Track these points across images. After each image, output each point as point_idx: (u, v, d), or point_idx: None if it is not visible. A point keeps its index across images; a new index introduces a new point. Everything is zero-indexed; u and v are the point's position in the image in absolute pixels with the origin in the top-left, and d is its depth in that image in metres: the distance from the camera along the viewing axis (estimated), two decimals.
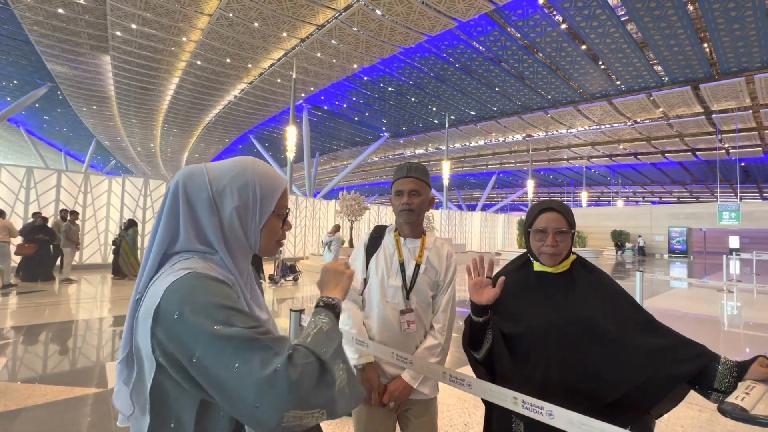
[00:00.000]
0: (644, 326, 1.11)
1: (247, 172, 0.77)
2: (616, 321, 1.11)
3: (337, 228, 9.15)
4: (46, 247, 8.40)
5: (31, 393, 3.03)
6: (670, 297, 9.22)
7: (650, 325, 1.12)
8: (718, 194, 29.25)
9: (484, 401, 1.17)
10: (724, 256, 10.16)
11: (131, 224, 9.74)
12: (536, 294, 1.20)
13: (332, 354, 0.67)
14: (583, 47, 16.61)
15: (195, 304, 0.62)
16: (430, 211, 20.67)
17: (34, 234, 8.24)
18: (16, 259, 8.44)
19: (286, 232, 0.86)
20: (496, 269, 1.31)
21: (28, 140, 27.81)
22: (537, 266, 1.23)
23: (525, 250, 1.30)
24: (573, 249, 1.24)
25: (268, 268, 10.33)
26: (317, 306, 0.81)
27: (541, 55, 17.58)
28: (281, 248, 10.24)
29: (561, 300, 1.16)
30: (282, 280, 9.51)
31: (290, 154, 16.81)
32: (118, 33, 15.26)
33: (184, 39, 15.97)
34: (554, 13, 14.59)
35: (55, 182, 10.51)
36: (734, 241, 26.18)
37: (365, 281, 1.53)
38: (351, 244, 13.91)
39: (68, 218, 8.64)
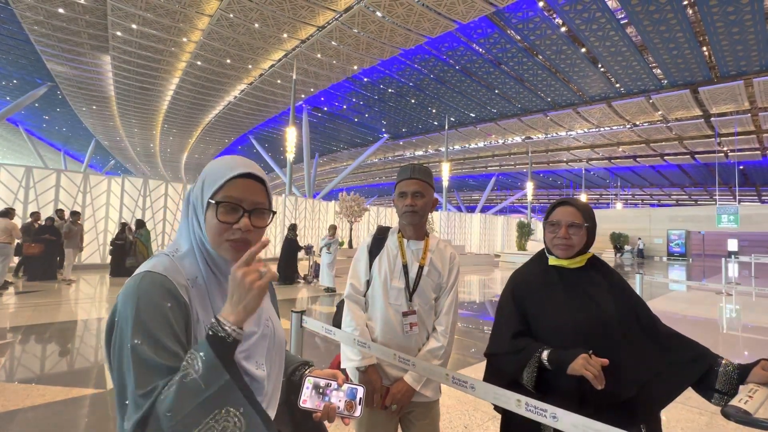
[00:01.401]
0: (652, 325, 1.14)
1: (208, 166, 0.78)
2: (630, 319, 1.13)
3: (334, 229, 9.25)
4: (51, 247, 8.39)
5: (28, 393, 3.01)
6: (668, 299, 9.23)
7: (656, 324, 1.14)
8: (717, 197, 29.25)
9: (499, 409, 1.16)
10: (723, 259, 10.17)
11: (141, 224, 9.82)
12: (556, 291, 1.21)
13: (194, 410, 0.58)
14: (583, 50, 16.66)
15: (127, 313, 0.66)
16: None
17: (40, 234, 8.23)
18: (15, 259, 8.42)
19: (248, 233, 0.75)
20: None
21: (27, 140, 27.76)
22: (552, 260, 1.25)
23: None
24: None
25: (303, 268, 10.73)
26: (207, 334, 0.65)
27: (540, 57, 17.63)
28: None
29: (581, 299, 1.17)
30: (315, 280, 9.64)
31: (290, 155, 16.80)
32: (119, 33, 15.26)
33: (185, 39, 15.98)
34: (554, 15, 14.64)
35: (54, 182, 10.49)
36: (733, 244, 26.26)
37: (368, 283, 1.52)
38: (350, 245, 13.89)
39: (69, 218, 8.62)
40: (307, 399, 0.79)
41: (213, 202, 0.73)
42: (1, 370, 3.51)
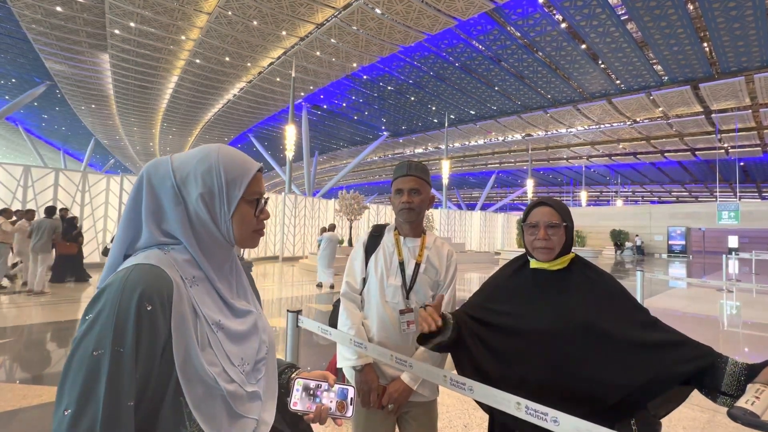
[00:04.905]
0: (646, 327, 1.08)
1: (211, 157, 0.72)
2: (616, 323, 1.08)
3: (323, 229, 9.27)
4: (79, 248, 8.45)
5: (25, 394, 3.00)
6: (669, 297, 9.22)
7: (653, 326, 1.08)
8: (718, 194, 29.31)
9: (485, 406, 1.14)
10: (724, 256, 10.15)
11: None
12: (533, 293, 1.17)
13: None
14: (583, 46, 16.59)
15: (100, 312, 0.60)
16: (430, 210, 20.67)
17: (71, 232, 8.20)
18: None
19: (265, 222, 0.80)
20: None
21: (26, 139, 27.75)
22: (533, 263, 1.21)
23: (524, 249, 1.28)
24: (574, 248, 1.21)
25: None
26: None
27: (540, 54, 17.56)
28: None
29: (558, 300, 1.13)
30: None
31: (289, 153, 16.78)
32: (117, 31, 15.20)
33: (183, 38, 15.92)
34: (554, 12, 14.57)
35: (52, 181, 10.47)
36: (733, 241, 26.22)
37: (364, 281, 1.50)
38: (350, 244, 13.88)
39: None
40: (298, 401, 0.78)
41: (248, 198, 0.75)
42: None
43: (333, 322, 1.58)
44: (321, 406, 0.77)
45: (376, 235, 1.54)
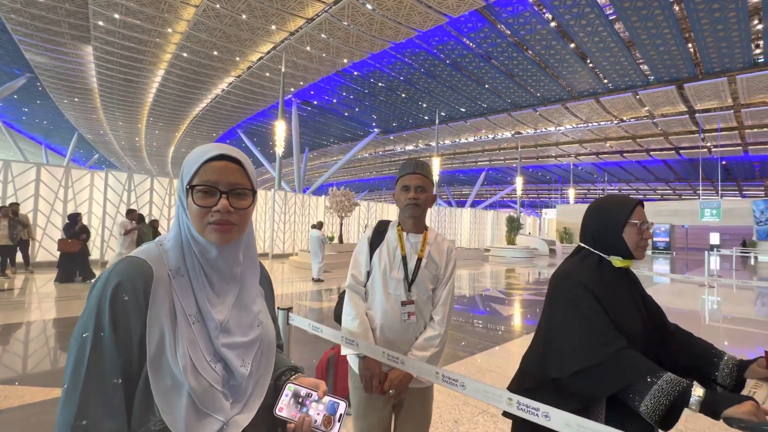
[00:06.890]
0: (665, 321, 1.25)
1: (187, 155, 0.78)
2: (652, 312, 1.21)
3: (312, 226, 9.32)
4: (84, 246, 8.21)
5: (6, 395, 2.92)
6: (653, 292, 9.40)
7: (665, 320, 1.26)
8: (700, 192, 30.00)
9: (509, 415, 1.09)
10: (706, 253, 10.41)
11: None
12: (617, 293, 1.13)
13: None
14: (572, 45, 16.76)
15: (90, 299, 0.67)
16: None
17: (72, 229, 8.03)
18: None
19: (231, 216, 0.72)
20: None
21: (5, 133, 26.89)
22: (618, 262, 1.14)
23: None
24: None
25: None
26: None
27: (530, 52, 17.68)
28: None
29: (635, 298, 1.18)
30: None
31: (279, 150, 16.60)
32: (101, 23, 14.80)
33: (170, 30, 15.58)
34: (544, 10, 14.67)
35: (34, 176, 10.18)
36: (715, 238, 26.92)
37: (368, 274, 1.58)
38: (341, 241, 13.85)
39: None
40: (284, 407, 0.75)
41: (189, 188, 0.73)
42: None
43: (338, 313, 1.66)
44: (305, 417, 0.73)
45: (381, 230, 1.63)
